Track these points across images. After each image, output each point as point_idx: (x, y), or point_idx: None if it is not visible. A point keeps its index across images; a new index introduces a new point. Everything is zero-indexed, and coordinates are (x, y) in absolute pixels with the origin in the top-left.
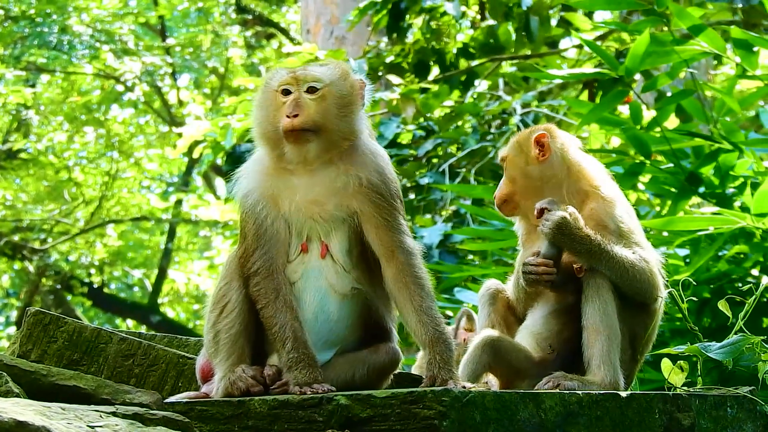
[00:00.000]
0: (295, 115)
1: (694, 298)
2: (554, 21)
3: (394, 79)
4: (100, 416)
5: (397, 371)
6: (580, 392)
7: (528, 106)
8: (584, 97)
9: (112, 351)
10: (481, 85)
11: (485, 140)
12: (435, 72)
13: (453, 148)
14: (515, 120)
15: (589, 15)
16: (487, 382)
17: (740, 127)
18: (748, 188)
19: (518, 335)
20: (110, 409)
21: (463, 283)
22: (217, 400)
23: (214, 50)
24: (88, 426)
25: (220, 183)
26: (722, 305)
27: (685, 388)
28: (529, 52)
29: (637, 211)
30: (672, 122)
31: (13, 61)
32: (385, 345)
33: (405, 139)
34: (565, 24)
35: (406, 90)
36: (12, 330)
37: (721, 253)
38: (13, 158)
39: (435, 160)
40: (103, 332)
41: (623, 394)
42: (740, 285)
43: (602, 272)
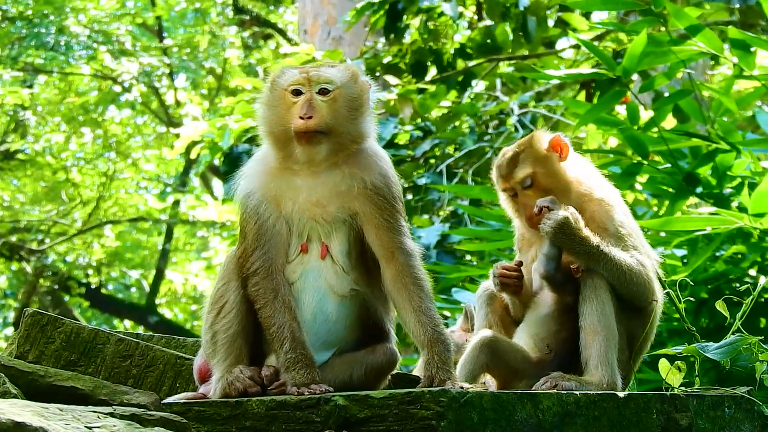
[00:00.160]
0: (309, 117)
1: (691, 299)
2: (551, 21)
3: (392, 79)
4: (98, 417)
5: (394, 371)
6: (577, 392)
7: (525, 107)
8: (581, 98)
9: (109, 352)
10: (479, 85)
11: (482, 141)
12: (432, 72)
13: (450, 149)
14: (512, 120)
15: (586, 15)
16: (484, 383)
17: (737, 127)
18: (745, 188)
19: (516, 336)
20: (108, 409)
21: (460, 284)
22: (215, 400)
23: (211, 51)
24: (85, 427)
25: (217, 184)
26: (720, 305)
27: (683, 388)
28: (527, 52)
29: (635, 212)
30: (669, 122)
31: (11, 61)
32: (382, 345)
33: (402, 139)
34: (563, 24)
35: (404, 90)
36: (10, 331)
37: (718, 254)
38: (11, 159)
39: (432, 161)
40: (100, 333)
41: (621, 394)
42: (738, 285)
43: (600, 273)
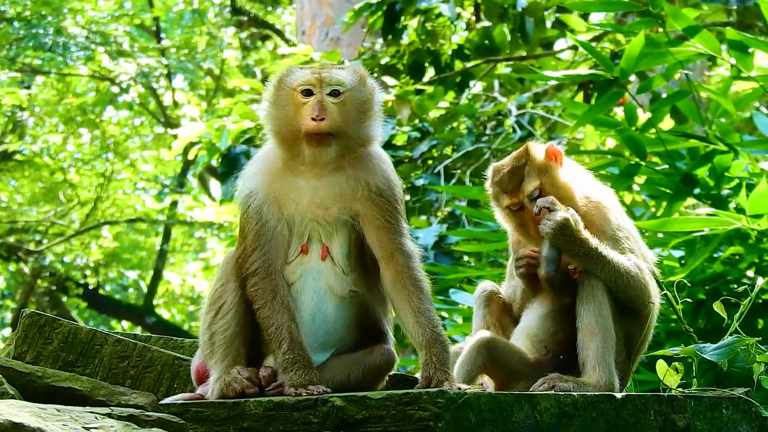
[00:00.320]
0: (322, 119)
1: (689, 300)
2: (549, 22)
3: (389, 80)
4: (96, 418)
5: (392, 372)
6: (575, 393)
7: (523, 108)
8: (579, 99)
9: (107, 353)
10: (476, 86)
11: (480, 142)
12: (430, 73)
13: (448, 150)
14: (510, 121)
15: (584, 16)
16: (482, 384)
17: (735, 128)
18: (743, 189)
19: (513, 337)
20: (105, 410)
21: (458, 285)
22: (213, 401)
23: (209, 52)
24: (83, 427)
25: (215, 184)
26: (717, 306)
27: (681, 389)
28: (524, 53)
29: (633, 213)
30: (667, 123)
31: (8, 62)
32: (380, 346)
33: (400, 140)
34: (561, 25)
35: (401, 91)
36: (7, 332)
37: (716, 255)
38: (9, 160)
39: (430, 162)
40: (98, 334)
41: (618, 395)
42: (735, 286)
43: (597, 275)
